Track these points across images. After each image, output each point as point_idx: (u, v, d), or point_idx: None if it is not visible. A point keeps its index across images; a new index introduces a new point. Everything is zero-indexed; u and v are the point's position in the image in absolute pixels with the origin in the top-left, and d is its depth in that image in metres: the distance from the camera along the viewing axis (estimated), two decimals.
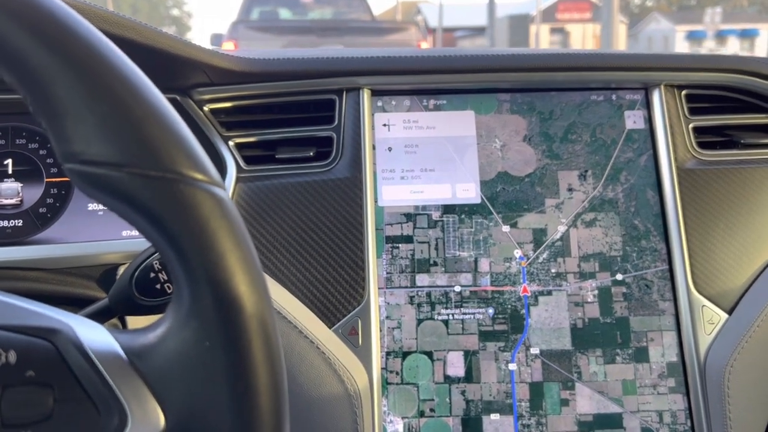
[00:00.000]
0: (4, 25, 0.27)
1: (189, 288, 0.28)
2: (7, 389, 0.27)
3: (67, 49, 0.28)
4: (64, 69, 0.27)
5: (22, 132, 0.68)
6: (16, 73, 0.28)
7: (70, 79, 0.27)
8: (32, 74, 0.27)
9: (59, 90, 0.27)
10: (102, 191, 0.28)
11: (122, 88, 0.28)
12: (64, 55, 0.27)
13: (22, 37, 0.27)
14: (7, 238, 0.66)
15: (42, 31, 0.27)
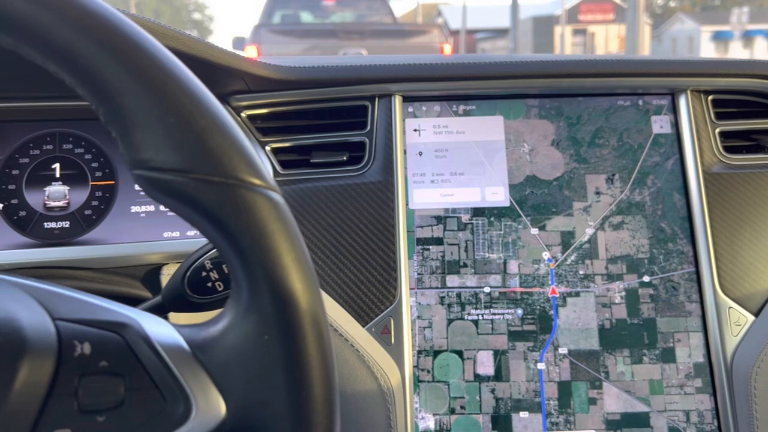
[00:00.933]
0: (80, 44, 0.29)
1: (248, 285, 0.31)
2: (83, 378, 0.30)
3: (138, 65, 0.30)
4: (135, 83, 0.30)
5: (68, 137, 0.71)
6: (89, 86, 0.30)
7: (140, 92, 0.30)
8: (105, 88, 0.30)
9: (130, 102, 0.30)
10: (168, 196, 0.30)
11: (187, 101, 0.30)
12: (134, 71, 0.30)
13: (96, 54, 0.29)
14: (55, 239, 0.69)
15: (115, 48, 0.30)
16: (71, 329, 0.31)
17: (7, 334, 0.29)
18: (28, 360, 0.29)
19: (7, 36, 0.30)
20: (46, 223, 0.69)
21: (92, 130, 0.72)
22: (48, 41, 0.29)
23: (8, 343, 0.29)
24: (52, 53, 0.30)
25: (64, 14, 0.29)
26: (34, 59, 0.31)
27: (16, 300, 0.31)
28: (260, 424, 0.30)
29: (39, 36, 0.29)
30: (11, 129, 0.71)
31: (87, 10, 0.30)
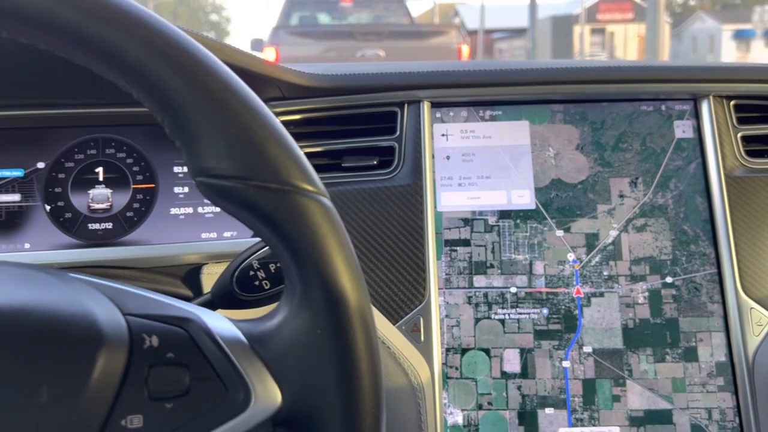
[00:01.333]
0: (149, 62, 0.32)
1: (301, 283, 0.33)
2: (153, 368, 0.32)
3: (202, 81, 0.33)
4: (200, 98, 0.32)
5: (111, 142, 0.75)
6: (157, 101, 0.33)
7: (204, 106, 0.32)
8: (172, 102, 0.33)
9: (195, 116, 0.32)
10: (229, 201, 0.33)
11: (247, 114, 0.33)
12: (199, 87, 0.32)
13: (164, 71, 0.32)
14: (98, 240, 0.72)
15: (181, 66, 0.32)
16: (140, 323, 0.33)
17: (85, 328, 0.32)
18: (105, 351, 0.32)
19: (82, 54, 0.33)
20: (90, 224, 0.72)
21: (133, 136, 0.75)
22: (119, 60, 0.32)
23: (87, 335, 0.32)
24: (123, 70, 0.32)
25: (135, 34, 0.32)
26: (105, 75, 0.34)
27: (90, 296, 0.34)
28: (314, 411, 0.33)
29: (111, 55, 0.32)
30: (57, 135, 0.74)
31: (156, 30, 0.33)
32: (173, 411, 0.32)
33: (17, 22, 0.32)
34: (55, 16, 0.31)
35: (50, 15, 0.31)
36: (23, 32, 0.32)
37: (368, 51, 6.20)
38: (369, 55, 6.19)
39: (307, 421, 0.33)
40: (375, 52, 6.21)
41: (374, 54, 6.22)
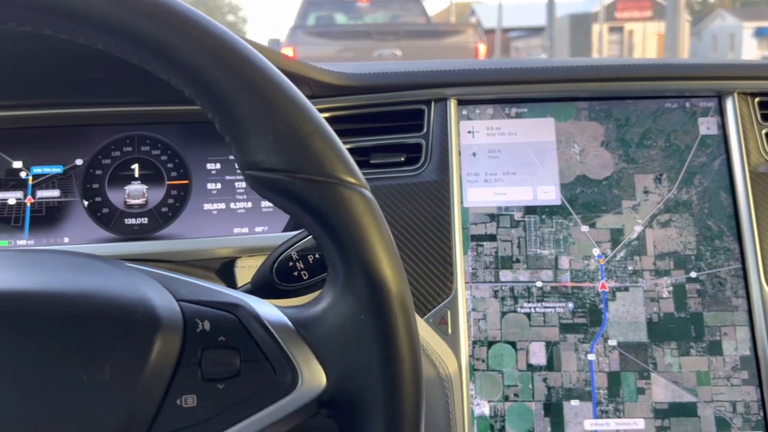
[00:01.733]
0: (202, 61, 0.34)
1: (344, 271, 0.35)
2: (205, 351, 0.34)
3: (252, 80, 0.34)
4: (250, 96, 0.34)
5: (146, 140, 0.77)
6: (208, 98, 0.35)
7: (253, 103, 0.34)
8: (223, 100, 0.34)
9: (245, 112, 0.34)
10: (276, 193, 0.35)
11: (294, 110, 0.35)
12: (249, 85, 0.34)
13: (216, 70, 0.34)
14: (134, 234, 0.74)
15: (232, 65, 0.34)
16: (193, 309, 0.35)
17: (143, 312, 0.34)
18: (161, 335, 0.33)
19: (138, 54, 0.34)
20: (127, 219, 0.75)
21: (168, 133, 0.77)
22: (173, 59, 0.34)
23: (144, 319, 0.34)
24: (177, 69, 0.34)
25: (189, 35, 0.34)
26: (158, 74, 0.35)
27: (146, 283, 0.36)
28: (357, 393, 0.35)
29: (166, 54, 0.34)
30: (94, 132, 0.77)
31: (208, 31, 0.34)
32: (225, 391, 0.34)
33: (77, 24, 0.33)
34: (113, 18, 0.33)
35: (109, 17, 0.33)
36: (82, 34, 0.34)
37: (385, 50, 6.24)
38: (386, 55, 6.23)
39: (350, 402, 0.35)
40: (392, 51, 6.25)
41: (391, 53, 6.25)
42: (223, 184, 0.77)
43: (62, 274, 0.36)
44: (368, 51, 6.28)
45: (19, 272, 0.36)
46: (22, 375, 0.32)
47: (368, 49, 6.31)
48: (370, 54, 6.24)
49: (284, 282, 0.48)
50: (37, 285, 0.34)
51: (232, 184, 0.77)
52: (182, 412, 0.33)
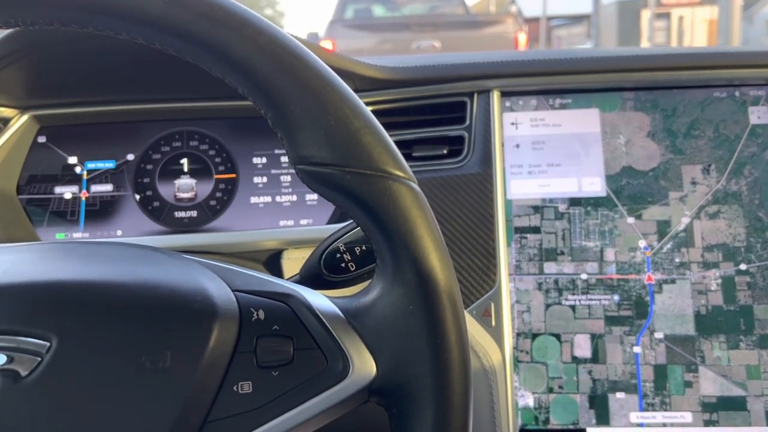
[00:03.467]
0: (256, 60, 0.35)
1: (393, 262, 0.36)
2: (260, 339, 0.36)
3: (304, 77, 0.35)
4: (302, 92, 0.35)
5: (194, 135, 0.79)
6: (262, 95, 0.36)
7: (305, 100, 0.35)
8: (276, 96, 0.35)
9: (297, 108, 0.35)
10: (327, 187, 0.36)
11: (344, 106, 0.36)
12: (301, 82, 0.35)
13: (269, 68, 0.35)
14: (184, 227, 0.77)
15: (284, 63, 0.35)
16: (247, 299, 0.37)
17: (202, 302, 0.35)
18: (219, 323, 0.35)
19: (194, 53, 0.36)
20: (177, 212, 0.77)
21: (215, 129, 0.79)
22: (228, 58, 0.35)
23: (204, 308, 0.35)
24: (232, 68, 0.35)
25: (243, 35, 0.35)
26: (213, 72, 0.37)
27: (203, 274, 0.37)
28: (406, 381, 0.35)
29: (221, 53, 0.35)
30: (145, 128, 0.79)
31: (261, 30, 0.35)
32: (279, 378, 0.35)
33: (136, 26, 0.35)
34: (171, 19, 0.34)
35: (167, 18, 0.34)
36: (141, 34, 0.35)
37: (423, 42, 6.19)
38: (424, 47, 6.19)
39: (400, 390, 0.36)
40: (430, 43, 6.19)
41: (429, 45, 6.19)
42: (269, 177, 0.78)
43: (125, 264, 0.37)
44: (407, 43, 6.25)
45: (84, 263, 0.37)
46: (89, 359, 0.33)
47: (407, 41, 6.28)
48: (409, 46, 6.21)
49: (332, 273, 0.49)
50: (102, 275, 0.36)
51: (278, 178, 0.78)
52: (238, 398, 0.34)
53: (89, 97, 0.78)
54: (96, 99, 0.78)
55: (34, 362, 0.33)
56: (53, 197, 0.77)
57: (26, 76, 0.74)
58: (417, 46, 6.23)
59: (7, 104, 0.76)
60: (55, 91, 0.77)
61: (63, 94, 0.77)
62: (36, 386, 0.33)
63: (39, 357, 0.33)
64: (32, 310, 0.34)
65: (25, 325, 0.34)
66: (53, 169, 0.78)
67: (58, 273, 0.36)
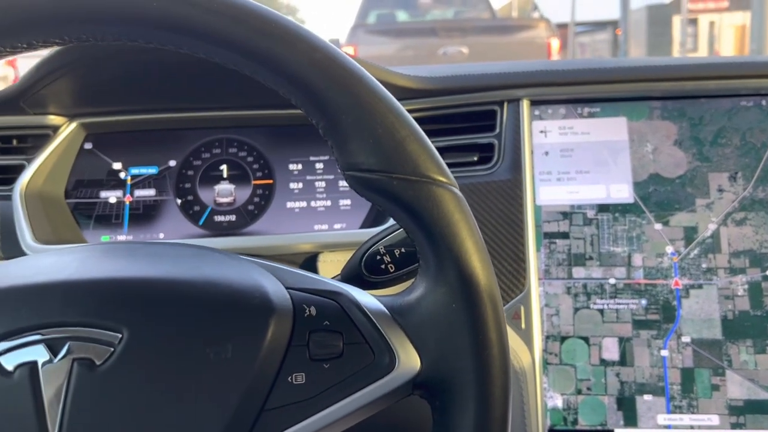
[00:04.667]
0: (309, 73, 0.37)
1: (436, 263, 0.38)
2: (312, 334, 0.38)
3: (354, 89, 0.38)
4: (352, 104, 0.38)
5: (233, 142, 0.82)
6: (314, 106, 0.38)
7: (355, 111, 0.38)
8: (327, 107, 0.38)
9: (347, 119, 0.38)
10: (374, 192, 0.38)
11: (391, 116, 0.38)
12: (351, 94, 0.38)
13: (322, 81, 0.37)
14: (223, 231, 0.80)
15: (336, 76, 0.38)
16: (300, 296, 0.39)
17: (259, 298, 0.38)
18: (275, 318, 0.37)
19: (250, 67, 0.38)
20: (216, 216, 0.80)
21: (253, 136, 0.82)
22: (284, 72, 0.38)
23: (261, 304, 0.38)
24: (287, 80, 0.38)
25: (297, 49, 0.37)
26: (267, 84, 0.39)
27: (259, 273, 0.40)
28: (449, 375, 0.38)
29: (277, 68, 0.38)
30: (186, 136, 0.82)
31: (314, 45, 0.38)
32: (330, 371, 0.38)
33: (199, 41, 0.38)
34: (232, 36, 0.37)
35: (228, 35, 0.37)
36: (202, 50, 0.38)
37: (451, 48, 5.96)
38: (451, 53, 5.95)
39: (442, 384, 0.38)
40: (458, 49, 5.94)
41: (457, 51, 5.94)
42: (304, 183, 0.81)
43: (187, 263, 0.40)
44: (433, 49, 6.00)
45: (150, 262, 0.40)
46: (158, 350, 0.36)
47: (433, 46, 6.02)
48: (435, 52, 5.91)
49: (372, 274, 0.51)
50: (168, 273, 0.39)
51: (313, 184, 0.81)
52: (293, 388, 0.37)
53: (134, 105, 0.81)
54: (140, 107, 0.81)
55: (107, 352, 0.36)
56: (99, 201, 0.80)
57: (76, 86, 0.77)
58: (444, 52, 5.93)
59: (57, 112, 0.80)
60: (102, 100, 0.81)
61: (109, 103, 0.81)
62: (109, 374, 0.36)
63: (112, 347, 0.36)
64: (105, 304, 0.37)
65: (98, 317, 0.36)
66: (99, 174, 0.81)
67: (126, 271, 0.39)
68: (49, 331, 0.36)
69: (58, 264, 0.40)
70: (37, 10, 0.35)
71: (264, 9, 0.38)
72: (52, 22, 0.36)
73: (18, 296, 0.37)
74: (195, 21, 0.36)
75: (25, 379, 0.35)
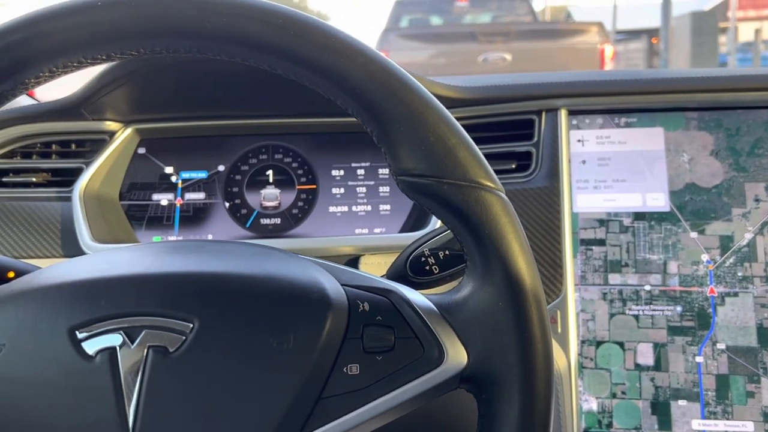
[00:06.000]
0: (366, 84, 0.40)
1: (483, 264, 0.40)
2: (366, 328, 0.41)
3: (407, 99, 0.40)
4: (405, 112, 0.40)
5: (279, 149, 0.85)
6: (369, 114, 0.41)
7: (408, 119, 0.40)
8: (382, 116, 0.40)
9: (400, 127, 0.40)
10: (425, 196, 0.41)
11: (442, 124, 0.40)
12: (405, 103, 0.40)
13: (378, 91, 0.40)
14: (269, 233, 0.83)
15: (391, 87, 0.40)
16: (354, 292, 0.42)
17: (318, 293, 0.41)
18: (332, 312, 0.40)
19: (310, 79, 0.41)
20: (262, 219, 0.83)
21: (298, 143, 0.85)
22: (342, 84, 0.40)
23: (319, 299, 0.40)
24: (345, 92, 0.41)
25: (356, 62, 0.40)
26: (326, 94, 0.42)
27: (316, 270, 0.43)
28: (495, 370, 0.40)
29: (336, 79, 0.40)
30: (234, 142, 0.86)
31: (371, 58, 0.41)
32: (382, 363, 0.40)
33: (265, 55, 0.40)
34: (295, 49, 0.40)
35: (291, 49, 0.40)
36: (267, 62, 0.41)
37: (492, 54, 5.34)
38: (493, 60, 5.32)
39: (489, 378, 0.40)
40: (500, 55, 5.31)
41: (499, 58, 5.31)
42: (346, 189, 0.84)
43: (251, 260, 0.43)
44: (472, 55, 5.35)
45: (217, 258, 0.43)
46: (226, 339, 0.39)
47: (472, 52, 5.37)
48: (474, 59, 5.30)
49: (416, 275, 0.54)
50: (234, 268, 0.42)
51: (354, 189, 0.84)
52: (348, 378, 0.40)
53: (185, 113, 0.85)
54: (191, 115, 0.85)
55: (179, 340, 0.39)
56: (151, 203, 0.84)
57: (132, 94, 0.81)
58: (484, 58, 5.31)
59: (114, 119, 0.84)
60: (156, 108, 0.85)
61: (162, 110, 0.85)
62: (181, 360, 0.39)
63: (184, 336, 0.39)
64: (178, 296, 0.40)
65: (172, 308, 0.40)
66: (151, 177, 0.85)
67: (197, 265, 0.42)
68: (126, 320, 0.39)
69: (133, 259, 0.43)
70: (122, 26, 0.38)
71: (324, 24, 0.41)
72: (134, 37, 0.39)
73: (97, 288, 0.41)
74: (264, 37, 0.39)
75: (105, 363, 0.39)
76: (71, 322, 0.40)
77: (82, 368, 0.39)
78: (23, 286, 0.42)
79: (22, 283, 0.43)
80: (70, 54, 0.40)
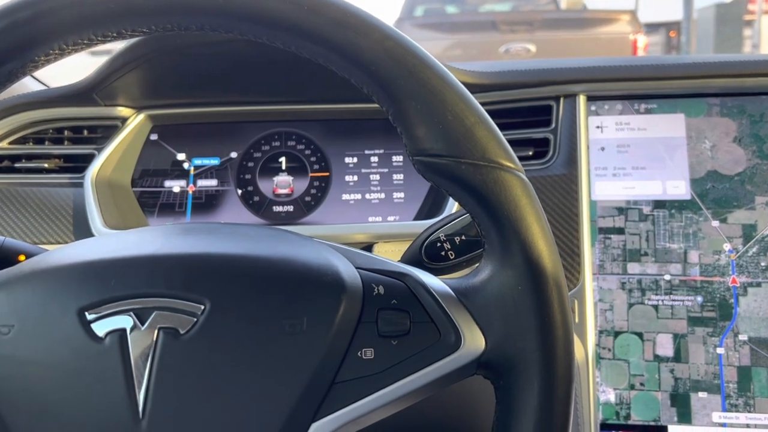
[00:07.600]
0: (382, 61, 0.39)
1: (502, 247, 0.39)
2: (381, 311, 0.40)
3: (424, 77, 0.39)
4: (422, 91, 0.39)
5: (292, 136, 0.84)
6: (385, 93, 0.40)
7: (425, 97, 0.39)
8: (398, 94, 0.39)
9: (417, 105, 0.39)
10: (442, 176, 0.39)
11: (460, 102, 0.39)
12: (422, 82, 0.39)
13: (394, 69, 0.39)
14: (281, 221, 0.82)
15: (407, 65, 0.39)
16: (369, 276, 0.41)
17: (332, 276, 0.39)
18: (347, 296, 0.39)
19: (324, 56, 0.40)
20: (275, 206, 0.82)
21: (311, 130, 0.84)
22: (357, 60, 0.39)
23: (333, 282, 0.39)
24: (359, 69, 0.40)
25: (371, 39, 0.39)
26: (341, 72, 0.41)
27: (331, 253, 0.42)
28: (514, 355, 0.39)
29: (350, 57, 0.39)
30: (247, 128, 0.85)
31: (387, 34, 0.39)
32: (398, 347, 0.39)
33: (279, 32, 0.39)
34: (310, 26, 0.39)
35: (306, 25, 0.39)
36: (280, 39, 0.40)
37: (514, 45, 5.07)
38: (515, 51, 5.05)
39: (507, 363, 0.39)
40: (523, 46, 5.04)
41: (522, 48, 5.04)
42: (359, 176, 0.83)
43: (264, 242, 0.42)
44: (493, 45, 5.07)
45: (230, 239, 0.42)
46: (238, 321, 0.38)
47: (493, 43, 5.09)
48: (495, 49, 5.03)
49: (432, 261, 0.52)
50: (247, 250, 0.41)
51: (368, 177, 0.83)
52: (362, 362, 0.38)
53: (198, 98, 0.84)
54: (203, 101, 0.84)
55: (190, 322, 0.38)
56: (163, 190, 0.84)
57: (144, 80, 0.81)
58: (506, 49, 5.04)
59: (126, 104, 0.84)
60: (168, 93, 0.84)
61: (174, 96, 0.84)
62: (192, 342, 0.38)
63: (195, 318, 0.38)
64: (189, 277, 0.39)
65: (183, 290, 0.39)
66: (163, 164, 0.85)
67: (209, 247, 0.41)
68: (136, 302, 0.39)
69: (144, 240, 0.42)
70: (133, 2, 0.37)
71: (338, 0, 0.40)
72: (145, 12, 0.38)
73: (107, 268, 0.40)
74: (276, 12, 0.38)
75: (115, 345, 0.38)
76: (80, 302, 0.39)
77: (91, 350, 0.38)
78: (33, 267, 0.42)
79: (31, 264, 0.42)
80: (80, 31, 0.39)
